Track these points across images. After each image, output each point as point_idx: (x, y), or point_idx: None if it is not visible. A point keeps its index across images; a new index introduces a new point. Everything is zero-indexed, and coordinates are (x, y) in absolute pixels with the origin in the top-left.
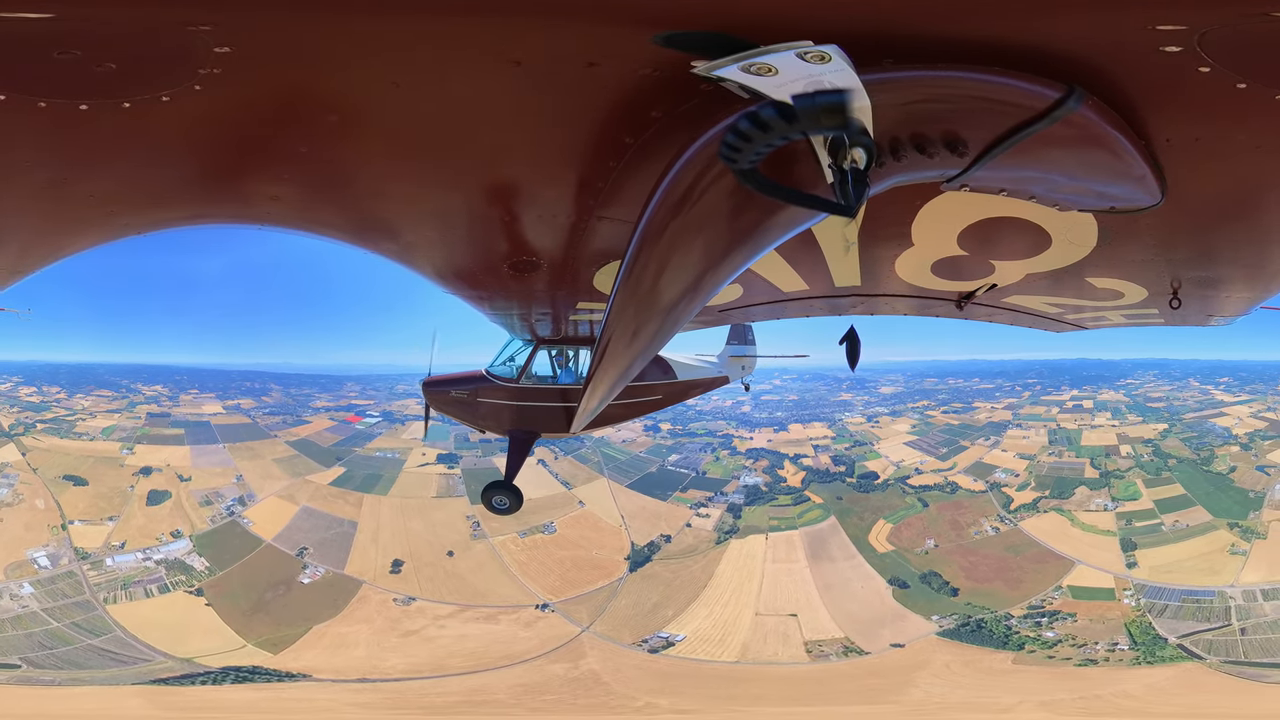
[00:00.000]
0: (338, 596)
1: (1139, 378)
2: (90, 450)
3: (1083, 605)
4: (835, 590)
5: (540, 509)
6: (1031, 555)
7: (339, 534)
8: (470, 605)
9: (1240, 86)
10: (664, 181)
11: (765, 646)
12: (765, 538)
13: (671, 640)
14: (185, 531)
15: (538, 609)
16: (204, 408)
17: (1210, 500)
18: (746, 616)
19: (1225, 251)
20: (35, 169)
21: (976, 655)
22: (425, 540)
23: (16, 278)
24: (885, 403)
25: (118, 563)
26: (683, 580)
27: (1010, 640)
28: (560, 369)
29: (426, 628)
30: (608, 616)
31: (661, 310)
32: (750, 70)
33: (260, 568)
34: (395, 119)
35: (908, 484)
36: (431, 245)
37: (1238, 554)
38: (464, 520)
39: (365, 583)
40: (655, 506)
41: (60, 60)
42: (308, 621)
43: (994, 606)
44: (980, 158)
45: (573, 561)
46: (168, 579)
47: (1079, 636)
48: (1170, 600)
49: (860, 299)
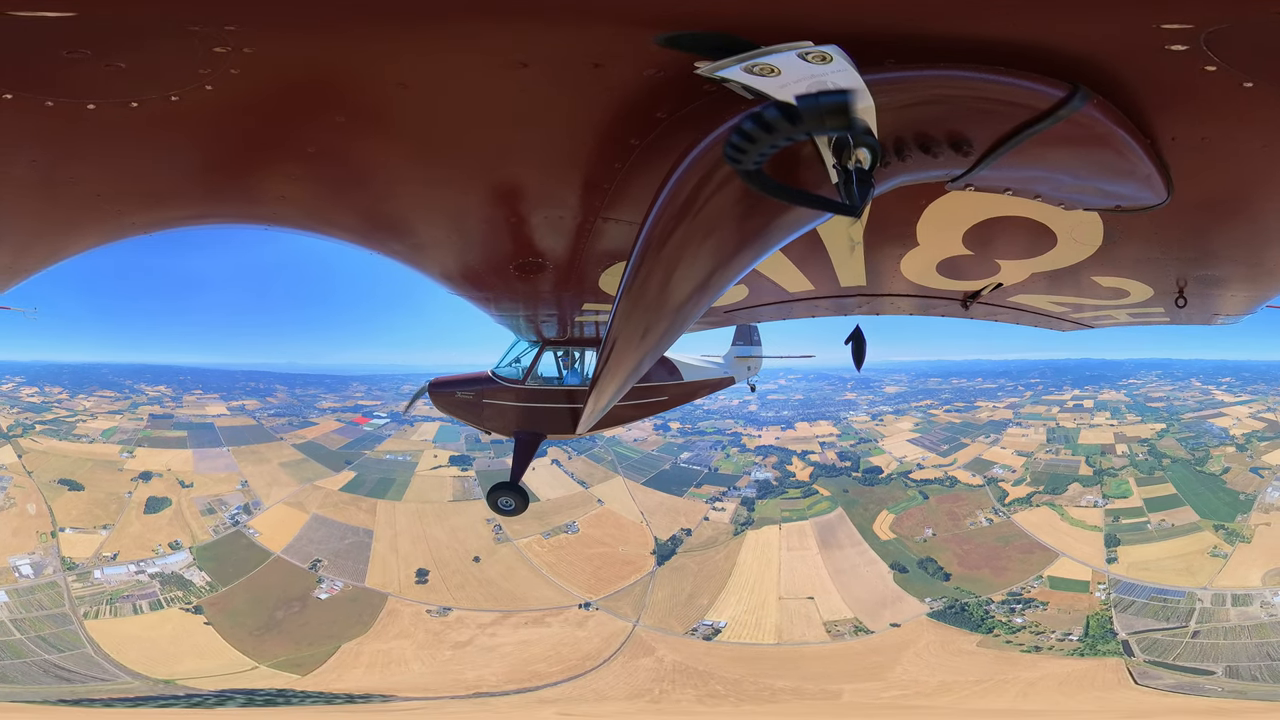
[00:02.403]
0: (363, 611)
1: (1142, 377)
2: (88, 453)
3: (1056, 595)
4: (845, 575)
5: (561, 509)
6: (1020, 546)
7: (355, 544)
8: (512, 611)
9: (1247, 85)
10: (669, 183)
11: (794, 629)
12: (779, 528)
13: (717, 627)
14: (185, 543)
15: (581, 608)
16: (208, 409)
17: (1200, 501)
18: (772, 601)
19: (1231, 250)
20: (42, 168)
21: (952, 636)
22: (448, 547)
23: (22, 277)
24: (889, 402)
25: (107, 575)
26: (708, 571)
27: (983, 624)
28: (566, 370)
29: (476, 637)
30: (651, 610)
31: (667, 312)
32: (753, 71)
33: (270, 583)
34: (402, 120)
35: (910, 478)
36: (437, 246)
37: (1218, 556)
38: (484, 524)
39: (391, 595)
40: (672, 502)
41: (69, 60)
42: (333, 640)
43: (979, 592)
44: (985, 157)
45: (601, 559)
46: (162, 594)
47: (1042, 624)
48: (1140, 597)
49: (866, 299)
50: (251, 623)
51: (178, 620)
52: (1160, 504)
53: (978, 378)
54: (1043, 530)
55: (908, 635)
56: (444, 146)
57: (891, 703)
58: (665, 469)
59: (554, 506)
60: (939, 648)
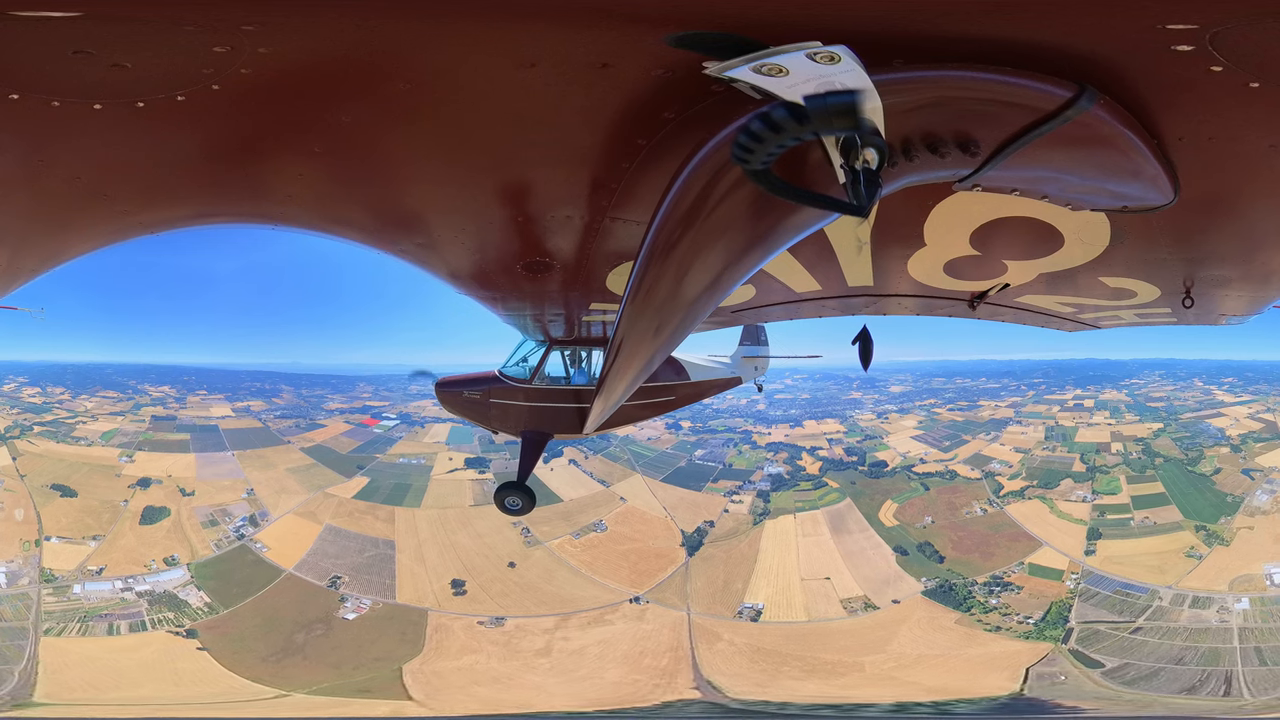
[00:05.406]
0: (404, 630)
1: (1144, 377)
2: (85, 457)
3: (1031, 581)
4: (854, 558)
5: (585, 509)
6: (1008, 534)
7: (376, 556)
8: (569, 613)
9: (1253, 85)
10: (677, 182)
11: (818, 607)
12: (794, 517)
13: (758, 610)
14: (183, 558)
15: (632, 602)
16: (212, 410)
17: (1187, 500)
18: (795, 583)
19: (1238, 250)
20: (48, 168)
21: (938, 613)
22: (478, 554)
23: (29, 276)
24: (894, 400)
25: (87, 590)
26: (735, 559)
27: (964, 603)
28: (573, 370)
29: (557, 644)
30: (695, 598)
31: (674, 311)
32: (761, 71)
33: (283, 603)
34: (411, 120)
35: (913, 471)
36: (444, 246)
37: (1192, 557)
38: (511, 528)
39: (431, 610)
40: (692, 497)
41: (75, 60)
42: (380, 662)
43: (966, 574)
44: (992, 158)
45: (635, 554)
46: (148, 615)
47: (1012, 607)
48: (1105, 589)
49: (872, 299)
50: (264, 648)
51: (160, 644)
52: (1147, 502)
53: (981, 377)
54: (1031, 521)
55: (905, 611)
56: (451, 146)
57: (887, 674)
58: (681, 465)
59: (578, 506)
60: (926, 623)
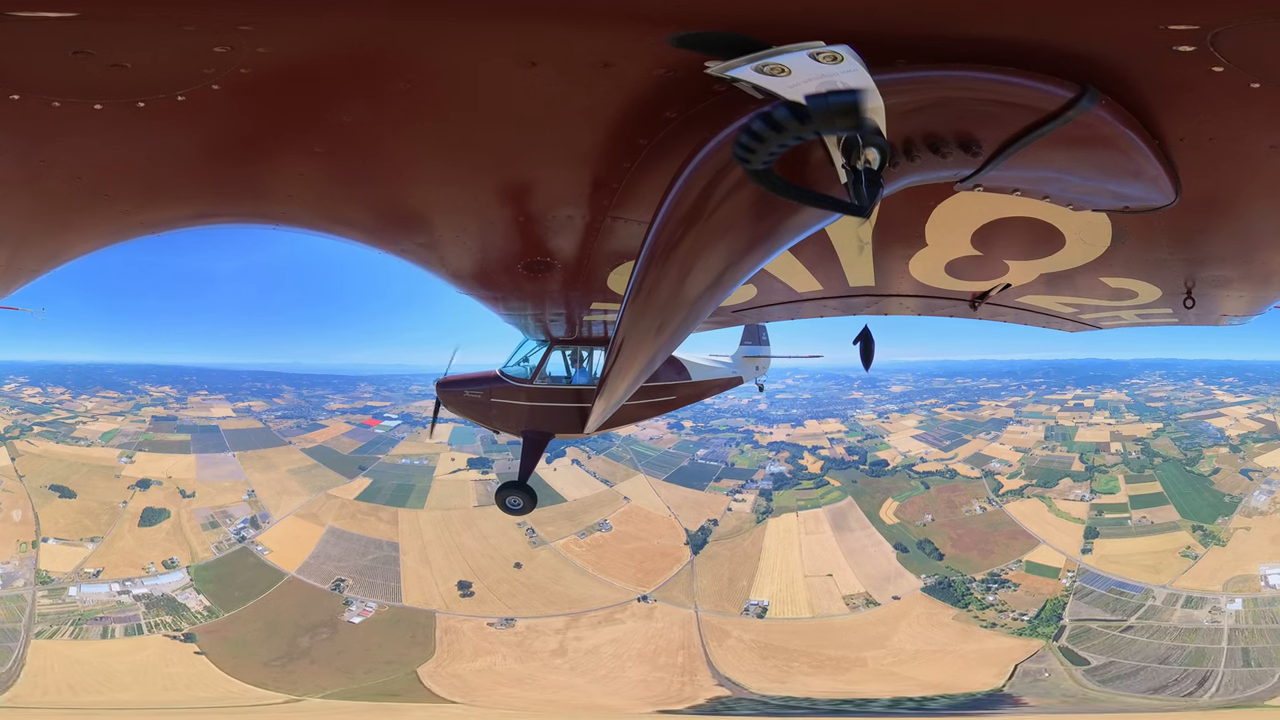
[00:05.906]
0: (413, 633)
1: (1145, 377)
2: (84, 457)
3: (1028, 578)
4: (856, 555)
5: (590, 508)
6: (1007, 532)
7: (380, 558)
8: (579, 612)
9: (1254, 86)
10: (678, 182)
11: (821, 603)
12: (796, 516)
13: (764, 606)
14: (182, 561)
15: (640, 601)
16: (213, 410)
17: (1184, 500)
18: (799, 579)
19: (1240, 251)
20: (49, 168)
21: (936, 609)
22: (484, 555)
23: (30, 277)
24: (895, 400)
25: (83, 593)
26: (739, 557)
27: (962, 600)
28: (574, 369)
29: (573, 643)
30: (701, 596)
31: (675, 311)
32: (763, 70)
33: (285, 607)
34: (412, 119)
35: (913, 470)
36: (446, 246)
37: (1188, 557)
38: (516, 528)
39: (439, 612)
40: (695, 496)
41: (75, 60)
42: (391, 664)
43: (965, 571)
44: (994, 158)
45: (640, 553)
46: (145, 618)
47: (1008, 604)
48: (1100, 588)
49: (874, 299)
50: (267, 652)
51: (156, 648)
52: (1145, 501)
53: (982, 377)
54: (1029, 519)
55: (905, 607)
56: (453, 146)
57: (887, 670)
58: (684, 465)
59: (582, 506)
60: (925, 619)
